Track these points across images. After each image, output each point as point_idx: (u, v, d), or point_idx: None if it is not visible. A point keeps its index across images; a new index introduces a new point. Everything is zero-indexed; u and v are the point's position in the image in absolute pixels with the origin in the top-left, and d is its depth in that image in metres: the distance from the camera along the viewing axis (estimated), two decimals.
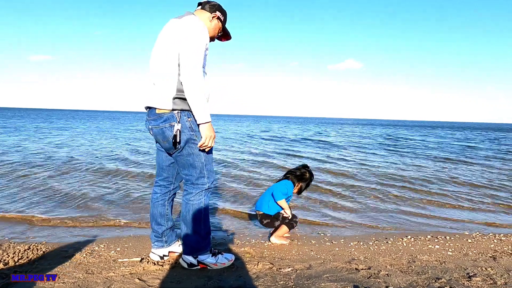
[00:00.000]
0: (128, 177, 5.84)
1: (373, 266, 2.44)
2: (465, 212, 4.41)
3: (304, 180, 3.07)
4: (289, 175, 3.08)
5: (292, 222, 2.95)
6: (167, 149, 2.17)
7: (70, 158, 7.80)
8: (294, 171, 3.09)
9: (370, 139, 18.41)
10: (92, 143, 11.82)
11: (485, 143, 17.20)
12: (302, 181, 3.06)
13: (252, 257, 2.56)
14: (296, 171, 3.08)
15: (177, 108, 2.04)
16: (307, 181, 3.09)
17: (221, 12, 2.27)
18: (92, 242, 2.80)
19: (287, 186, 2.97)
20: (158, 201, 2.36)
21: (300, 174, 3.06)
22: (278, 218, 2.94)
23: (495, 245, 3.05)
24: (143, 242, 2.83)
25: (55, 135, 14.55)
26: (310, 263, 2.46)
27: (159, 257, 2.40)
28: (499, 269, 2.42)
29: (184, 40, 1.98)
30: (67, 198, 4.36)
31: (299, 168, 3.11)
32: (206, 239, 2.23)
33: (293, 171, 3.09)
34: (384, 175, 6.84)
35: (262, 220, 2.99)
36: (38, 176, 5.64)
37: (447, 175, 7.06)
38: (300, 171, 3.08)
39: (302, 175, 3.06)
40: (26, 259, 2.33)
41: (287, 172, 3.13)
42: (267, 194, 3.02)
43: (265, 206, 2.97)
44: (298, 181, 3.05)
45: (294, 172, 3.08)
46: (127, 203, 4.24)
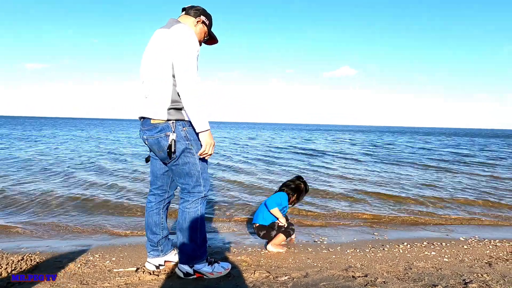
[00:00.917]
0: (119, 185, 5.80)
1: (370, 273, 2.44)
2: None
3: (299, 191, 3.11)
4: (284, 187, 3.12)
5: (289, 230, 2.95)
6: (162, 158, 2.16)
7: (45, 164, 7.74)
8: (289, 183, 3.14)
9: (356, 146, 18.21)
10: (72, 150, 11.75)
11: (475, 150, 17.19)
12: (297, 192, 3.10)
13: (249, 266, 2.55)
14: (290, 184, 3.12)
15: (172, 118, 2.04)
16: (302, 192, 3.13)
17: (206, 16, 2.27)
18: (87, 252, 2.77)
19: (281, 197, 3.00)
20: (153, 210, 2.34)
21: (295, 187, 3.11)
22: (273, 227, 2.95)
23: (490, 251, 3.06)
24: (138, 252, 2.81)
25: (34, 144, 14.43)
26: (307, 271, 2.45)
27: (155, 266, 2.37)
28: (495, 275, 2.43)
29: (177, 50, 1.98)
30: (50, 206, 4.31)
31: (294, 180, 3.15)
32: (202, 247, 2.22)
33: (288, 184, 3.13)
34: (359, 180, 6.85)
35: (258, 232, 3.01)
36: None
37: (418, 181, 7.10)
38: (294, 183, 3.12)
39: (297, 187, 3.11)
40: (20, 270, 2.30)
41: (282, 185, 3.17)
42: (262, 206, 3.05)
43: (260, 217, 2.99)
44: (294, 192, 3.09)
45: (289, 184, 3.12)
46: (120, 211, 4.21)
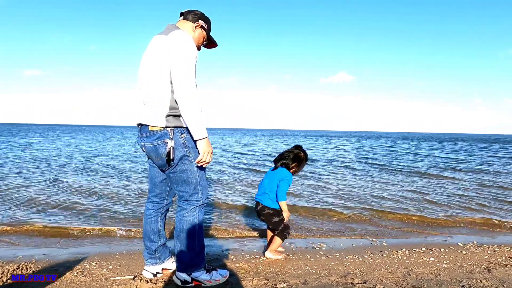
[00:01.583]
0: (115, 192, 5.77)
1: (369, 280, 2.42)
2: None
3: (300, 160, 2.97)
4: (284, 161, 2.95)
5: (285, 233, 2.91)
6: (160, 166, 2.15)
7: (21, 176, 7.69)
8: (288, 154, 2.97)
9: (348, 152, 18.06)
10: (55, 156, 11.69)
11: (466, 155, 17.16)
12: (298, 161, 2.96)
13: (247, 273, 2.53)
14: (290, 154, 2.96)
15: (170, 125, 2.03)
16: (303, 161, 2.99)
17: (204, 20, 2.26)
18: (84, 260, 2.74)
19: (289, 180, 2.87)
20: (151, 218, 2.33)
21: (295, 156, 2.95)
22: (279, 214, 2.88)
23: (489, 256, 3.06)
24: (135, 259, 2.78)
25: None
26: (305, 278, 2.44)
27: (152, 274, 2.35)
28: (494, 281, 2.43)
29: (175, 57, 1.97)
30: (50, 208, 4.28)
31: (293, 151, 2.99)
32: (200, 255, 2.20)
33: (288, 155, 2.96)
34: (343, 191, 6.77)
35: (261, 211, 2.90)
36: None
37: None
38: (293, 153, 2.97)
39: (296, 156, 2.96)
40: (16, 279, 2.27)
41: (282, 157, 2.98)
42: (268, 184, 2.91)
43: (267, 199, 2.88)
44: (293, 162, 2.94)
45: (288, 155, 2.96)
46: (120, 216, 4.18)
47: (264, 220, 2.97)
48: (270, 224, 2.94)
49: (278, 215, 2.89)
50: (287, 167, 2.93)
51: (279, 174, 2.91)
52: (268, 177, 2.98)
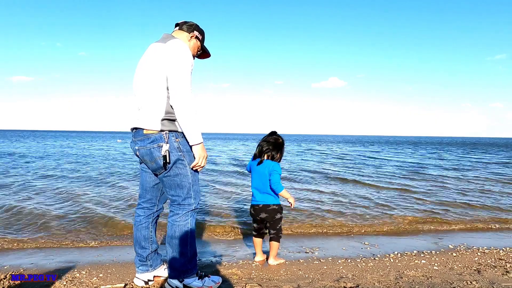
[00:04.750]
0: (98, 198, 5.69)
1: (361, 283, 2.43)
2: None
3: (280, 147, 2.89)
4: (268, 153, 2.85)
5: (280, 235, 2.90)
6: (154, 169, 2.14)
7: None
8: (268, 145, 2.85)
9: (335, 159, 17.87)
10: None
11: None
12: (278, 149, 2.88)
13: (240, 279, 2.51)
14: (269, 145, 2.85)
15: (165, 129, 2.05)
16: (282, 146, 2.92)
17: (199, 31, 2.33)
18: (73, 269, 2.68)
19: (278, 170, 2.80)
20: (141, 224, 2.31)
21: (275, 145, 2.86)
22: (281, 210, 2.87)
23: (479, 258, 3.10)
24: (126, 267, 2.74)
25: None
26: (298, 283, 2.43)
27: (144, 282, 2.32)
28: (484, 282, 2.46)
29: (171, 64, 2.01)
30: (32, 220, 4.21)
31: (269, 140, 2.88)
32: (192, 261, 2.18)
33: (268, 147, 2.85)
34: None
35: (261, 212, 2.83)
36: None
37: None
38: (272, 142, 2.87)
39: (276, 143, 2.87)
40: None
41: (263, 149, 2.86)
42: (262, 183, 2.83)
43: (268, 197, 2.83)
44: (277, 151, 2.86)
45: (268, 147, 2.85)
46: (99, 225, 4.12)
47: (265, 219, 2.85)
48: (270, 222, 2.86)
49: (281, 212, 2.88)
50: (272, 159, 2.85)
51: (266, 167, 2.82)
52: (256, 172, 2.86)
